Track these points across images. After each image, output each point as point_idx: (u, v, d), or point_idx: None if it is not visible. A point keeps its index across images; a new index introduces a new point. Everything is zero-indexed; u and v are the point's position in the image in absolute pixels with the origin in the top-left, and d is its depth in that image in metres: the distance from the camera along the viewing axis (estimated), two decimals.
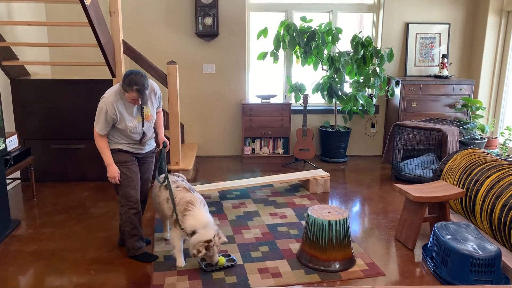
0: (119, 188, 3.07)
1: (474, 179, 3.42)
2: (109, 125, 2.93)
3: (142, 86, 2.83)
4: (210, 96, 5.77)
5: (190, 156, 5.18)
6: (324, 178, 4.57)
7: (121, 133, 3.00)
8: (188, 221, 2.91)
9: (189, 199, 2.99)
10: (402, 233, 3.44)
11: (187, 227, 2.91)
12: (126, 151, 3.05)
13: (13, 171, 3.88)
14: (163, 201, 3.11)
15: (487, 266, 2.69)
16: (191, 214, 2.93)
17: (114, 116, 2.90)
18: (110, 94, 2.92)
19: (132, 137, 3.03)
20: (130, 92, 2.83)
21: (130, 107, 2.97)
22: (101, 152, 2.99)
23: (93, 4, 3.85)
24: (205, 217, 2.95)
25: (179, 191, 3.05)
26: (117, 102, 2.91)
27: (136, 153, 3.11)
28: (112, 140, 3.02)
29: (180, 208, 2.97)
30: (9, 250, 3.26)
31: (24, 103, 4.58)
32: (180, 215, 2.96)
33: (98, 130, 2.93)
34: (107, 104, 2.88)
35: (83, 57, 5.37)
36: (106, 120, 2.89)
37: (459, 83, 5.52)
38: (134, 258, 3.13)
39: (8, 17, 4.60)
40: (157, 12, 5.50)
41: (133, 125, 2.98)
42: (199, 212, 2.94)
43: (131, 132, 2.99)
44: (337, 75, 5.31)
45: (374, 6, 5.80)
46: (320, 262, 2.97)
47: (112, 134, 3.01)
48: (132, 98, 2.87)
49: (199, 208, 2.96)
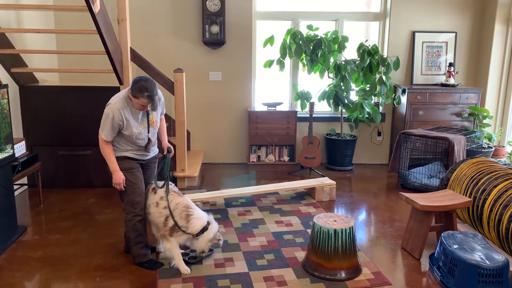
0: (124, 195, 3.08)
1: (481, 188, 3.40)
2: (115, 131, 2.94)
3: (153, 93, 2.87)
4: (216, 104, 5.79)
5: (196, 163, 5.19)
6: (330, 186, 4.56)
7: (127, 139, 3.01)
8: (195, 223, 3.02)
9: (186, 204, 3.08)
10: (408, 242, 3.41)
11: (197, 229, 3.01)
12: (132, 158, 3.07)
13: (21, 177, 3.91)
14: (151, 204, 3.10)
15: (495, 277, 2.66)
16: (194, 216, 3.04)
17: (121, 122, 2.91)
18: (116, 100, 2.94)
19: (137, 143, 3.05)
20: (141, 99, 2.85)
21: (136, 113, 2.99)
22: (106, 158, 3.00)
23: (101, 12, 3.90)
24: (204, 214, 3.13)
25: (172, 196, 3.11)
26: (124, 109, 2.92)
27: (140, 160, 3.12)
28: (118, 148, 3.03)
29: (181, 214, 3.02)
30: (16, 255, 3.28)
31: (32, 110, 4.62)
32: (183, 222, 3.00)
33: (104, 137, 2.94)
34: (113, 110, 2.89)
35: (91, 64, 5.41)
36: (112, 126, 2.90)
37: (466, 91, 5.50)
38: (140, 265, 3.13)
39: (17, 25, 4.65)
40: (165, 20, 5.55)
41: (138, 131, 3.00)
42: (198, 213, 3.09)
43: (136, 138, 3.00)
44: (343, 83, 5.32)
45: (380, 15, 5.82)
46: (326, 270, 2.96)
47: (117, 141, 3.03)
48: (141, 105, 2.89)
49: (196, 209, 3.11)
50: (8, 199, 3.49)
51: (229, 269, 3.07)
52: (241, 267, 3.11)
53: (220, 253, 3.32)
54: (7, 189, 3.46)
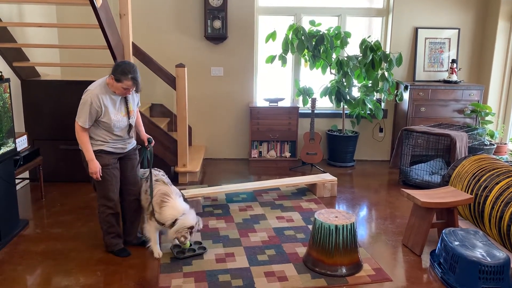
0: (98, 189, 3.11)
1: (483, 186, 3.39)
2: (92, 118, 2.93)
3: (136, 74, 2.90)
4: (218, 99, 5.79)
5: (198, 158, 5.19)
6: (331, 182, 4.56)
7: (105, 128, 3.00)
8: (166, 212, 3.06)
9: (165, 191, 3.13)
10: (409, 239, 3.41)
11: (167, 218, 3.05)
12: (108, 151, 3.06)
13: (22, 171, 3.91)
14: (142, 192, 3.26)
15: (495, 274, 2.66)
16: (168, 205, 3.07)
17: (99, 108, 2.91)
18: (95, 86, 2.96)
19: (115, 133, 3.04)
20: (125, 81, 2.88)
21: (113, 101, 2.99)
22: (83, 147, 3.00)
23: (103, 6, 3.88)
24: (182, 206, 3.12)
25: (158, 184, 3.18)
26: (102, 95, 2.93)
27: (118, 153, 3.12)
28: (94, 140, 3.02)
29: (157, 200, 3.09)
30: (17, 249, 3.29)
31: (34, 104, 4.62)
32: (157, 207, 3.08)
33: (81, 123, 2.93)
34: (92, 96, 2.90)
35: (93, 58, 5.40)
36: (90, 112, 2.90)
37: (469, 88, 5.48)
38: (112, 253, 3.21)
39: (19, 19, 4.64)
40: (167, 15, 5.53)
41: (116, 118, 3.00)
42: (175, 202, 3.10)
43: (114, 126, 3.00)
44: (345, 79, 5.30)
45: (383, 11, 5.79)
46: (327, 266, 2.96)
47: (94, 133, 3.01)
48: (124, 88, 2.91)
49: (174, 198, 3.11)
50: (10, 193, 3.49)
51: (230, 264, 3.08)
52: (242, 262, 3.11)
53: (221, 248, 3.32)
54: (9, 183, 3.47)
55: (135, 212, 3.31)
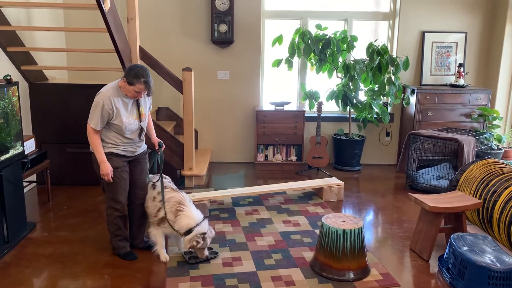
0: (107, 191, 3.11)
1: (491, 190, 3.37)
2: (104, 120, 2.95)
3: (148, 79, 2.92)
4: (224, 103, 5.79)
5: (204, 162, 5.19)
6: (338, 187, 4.54)
7: (116, 131, 3.01)
8: (182, 220, 3.06)
9: (179, 199, 3.13)
10: (417, 244, 3.39)
11: (182, 227, 3.05)
12: (118, 154, 3.07)
13: (30, 174, 3.93)
14: (149, 198, 3.25)
15: (505, 279, 2.63)
16: (184, 214, 3.08)
17: (110, 111, 2.93)
18: (107, 89, 2.98)
19: (126, 136, 3.05)
20: (137, 85, 2.89)
21: (126, 104, 3.01)
22: (95, 149, 3.01)
23: (111, 10, 3.91)
24: (197, 215, 3.13)
25: (167, 191, 3.19)
26: (114, 98, 2.95)
27: (128, 156, 3.13)
28: (105, 142, 3.04)
29: (171, 208, 3.09)
30: (25, 252, 3.30)
31: (41, 107, 4.64)
32: (171, 216, 3.08)
33: (93, 126, 2.95)
34: (104, 99, 2.91)
35: (100, 62, 5.42)
36: (102, 114, 2.92)
37: (476, 92, 5.45)
38: (118, 256, 3.21)
39: (27, 23, 4.68)
40: (174, 19, 5.55)
41: (128, 121, 3.01)
42: (190, 211, 3.11)
43: (126, 129, 3.01)
44: (352, 83, 5.29)
45: (389, 15, 5.78)
46: (334, 271, 2.94)
47: (105, 135, 3.03)
48: (136, 91, 2.92)
49: (189, 206, 3.13)
50: (17, 196, 3.51)
51: (237, 268, 3.07)
52: (249, 266, 3.10)
53: (227, 252, 3.32)
54: (16, 186, 3.48)
55: (142, 216, 3.31)
